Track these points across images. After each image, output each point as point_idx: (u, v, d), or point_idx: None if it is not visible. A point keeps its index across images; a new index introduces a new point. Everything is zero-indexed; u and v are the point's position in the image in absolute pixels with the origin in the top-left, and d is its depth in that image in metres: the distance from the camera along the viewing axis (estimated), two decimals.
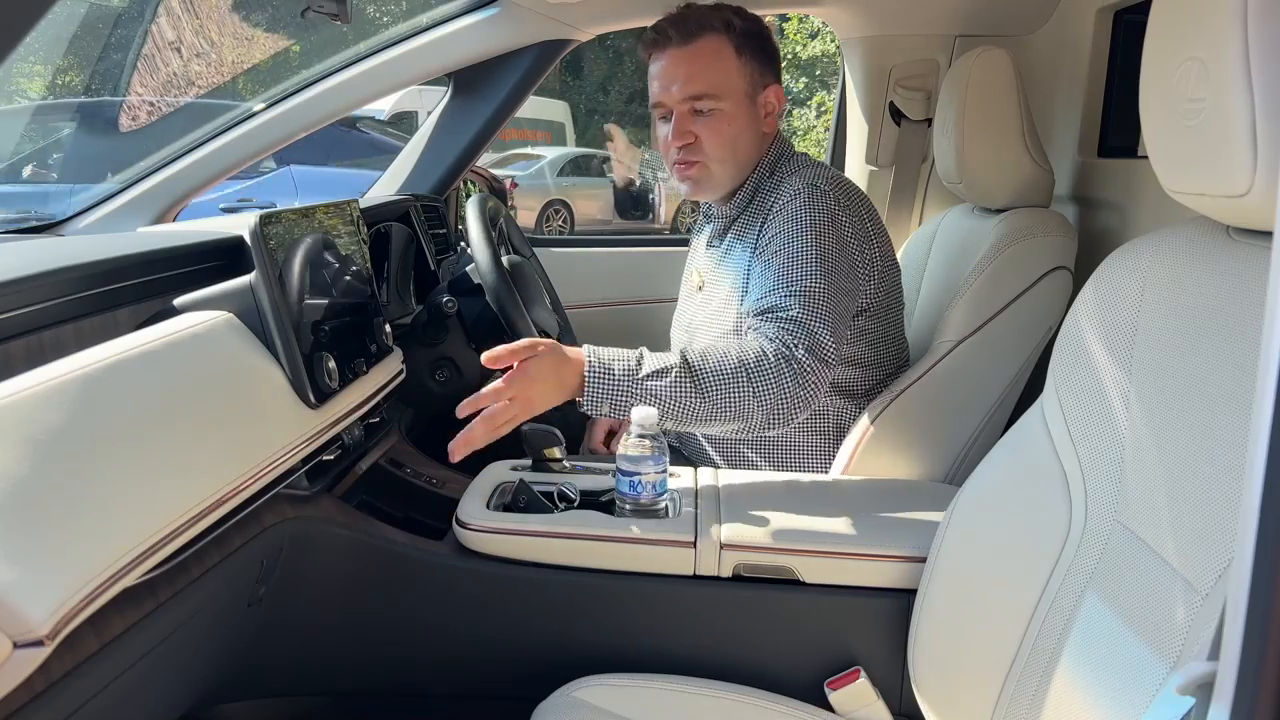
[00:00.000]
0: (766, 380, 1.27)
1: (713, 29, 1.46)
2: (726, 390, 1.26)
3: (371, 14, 2.97)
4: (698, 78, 1.46)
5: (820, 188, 1.42)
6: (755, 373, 1.27)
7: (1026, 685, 0.92)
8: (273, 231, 1.09)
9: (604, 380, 1.25)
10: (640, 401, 1.24)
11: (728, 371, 1.26)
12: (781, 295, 1.34)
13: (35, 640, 0.63)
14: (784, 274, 1.36)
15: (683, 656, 1.20)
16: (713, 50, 1.46)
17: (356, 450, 1.39)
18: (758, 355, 1.28)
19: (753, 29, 1.50)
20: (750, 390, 1.26)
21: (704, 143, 1.48)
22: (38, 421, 0.72)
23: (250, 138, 1.91)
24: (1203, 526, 0.74)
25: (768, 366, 1.27)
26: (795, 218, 1.40)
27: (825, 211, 1.40)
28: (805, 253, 1.36)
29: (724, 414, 1.26)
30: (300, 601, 1.20)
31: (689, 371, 1.26)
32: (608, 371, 1.25)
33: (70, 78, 2.12)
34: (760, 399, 1.26)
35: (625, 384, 1.25)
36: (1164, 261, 0.89)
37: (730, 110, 1.47)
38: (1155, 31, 0.82)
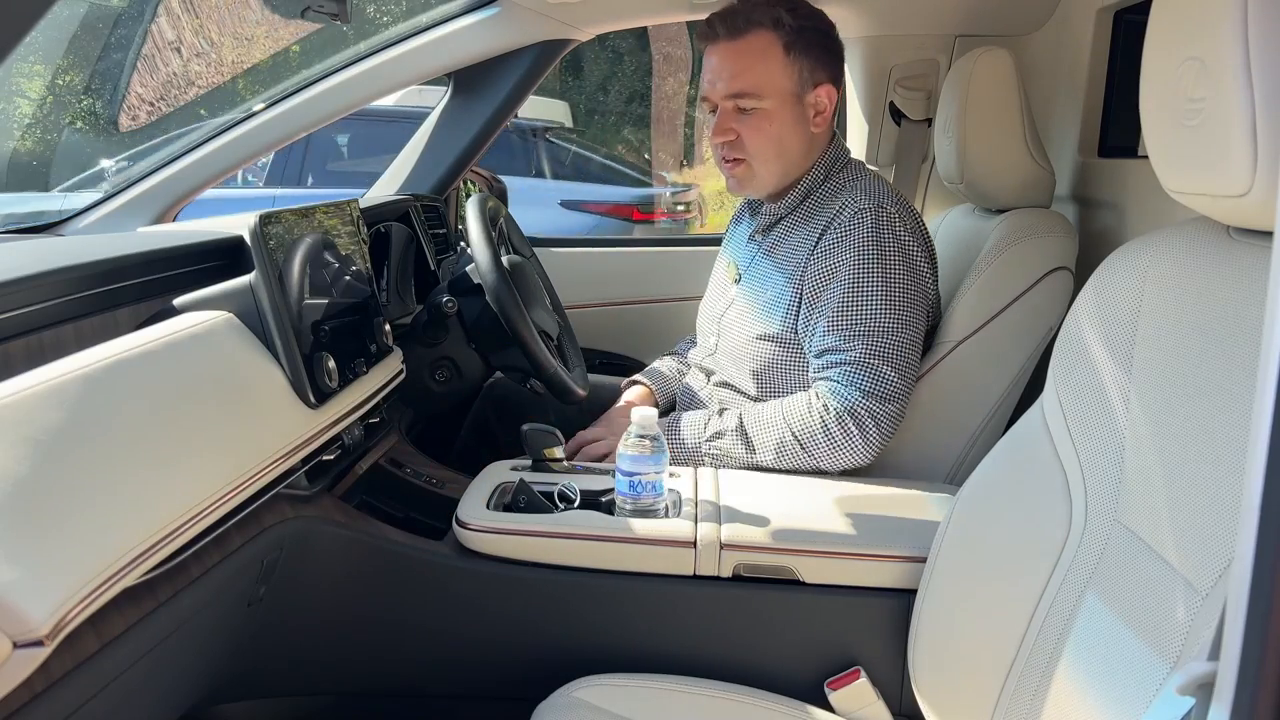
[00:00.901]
0: (817, 442, 1.37)
1: (761, 25, 1.43)
2: (780, 453, 1.39)
3: (371, 14, 2.98)
4: (741, 76, 1.44)
5: (887, 210, 1.41)
6: (804, 435, 1.37)
7: (1026, 685, 0.92)
8: (273, 231, 1.09)
9: (676, 449, 1.42)
10: (697, 455, 1.44)
11: (780, 438, 1.38)
12: (843, 334, 1.38)
13: (35, 640, 0.63)
14: (845, 309, 1.38)
15: (683, 656, 1.20)
16: (759, 48, 1.44)
17: (356, 450, 1.39)
18: (806, 419, 1.37)
19: (808, 25, 1.46)
20: (804, 452, 1.38)
21: (745, 141, 1.47)
22: (38, 421, 0.72)
23: (250, 138, 1.91)
24: (1203, 526, 0.74)
25: (818, 428, 1.36)
26: (862, 245, 1.38)
27: (894, 238, 1.40)
28: (870, 286, 1.37)
29: (768, 461, 1.41)
30: (300, 601, 1.20)
31: (740, 429, 1.41)
32: (680, 441, 1.44)
33: (70, 78, 2.12)
34: (814, 457, 1.38)
35: (688, 445, 1.44)
36: (1164, 261, 0.89)
37: (773, 110, 1.45)
38: (1155, 31, 0.82)
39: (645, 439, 1.21)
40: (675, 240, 2.62)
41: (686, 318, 1.85)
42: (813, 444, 1.36)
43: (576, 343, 1.88)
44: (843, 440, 1.35)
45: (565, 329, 1.84)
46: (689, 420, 1.46)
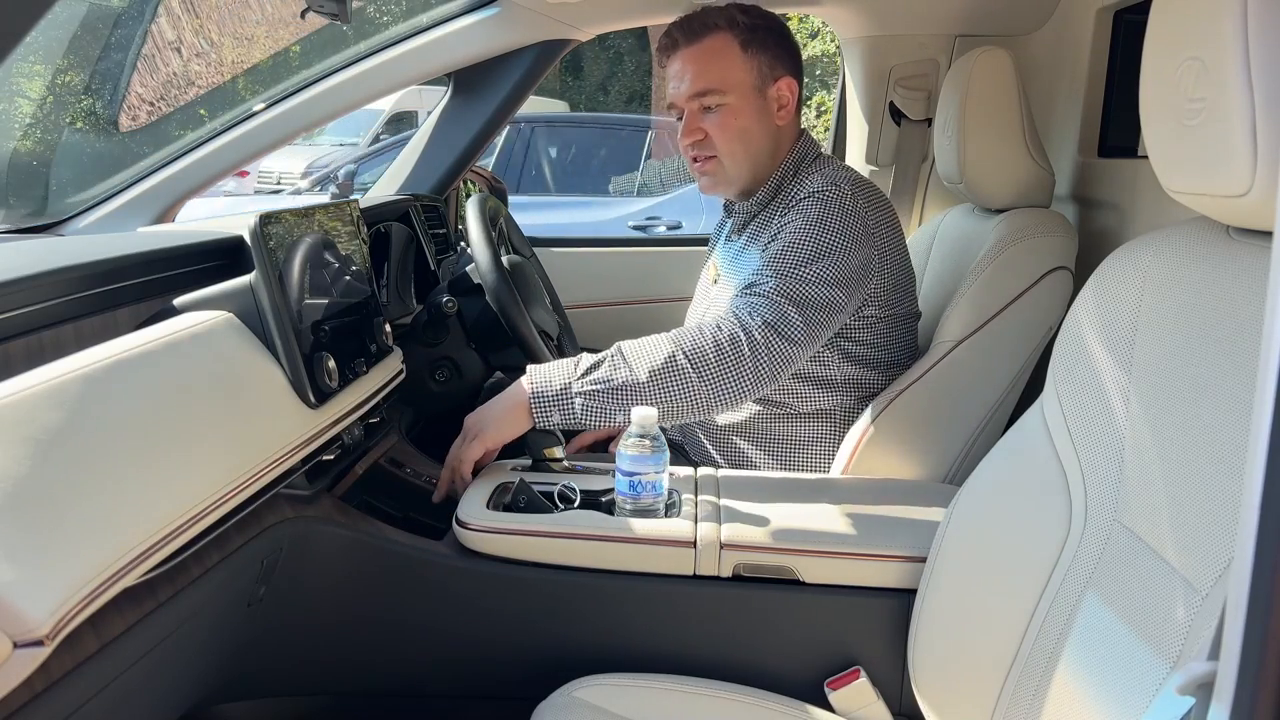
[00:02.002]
0: (707, 359, 1.30)
1: (717, 27, 1.49)
2: (666, 373, 1.30)
3: (371, 14, 2.98)
4: (702, 75, 1.48)
5: (838, 184, 1.44)
6: (694, 352, 1.31)
7: (1026, 685, 0.92)
8: (273, 231, 1.09)
9: (545, 392, 1.32)
10: (584, 399, 1.30)
11: (667, 354, 1.31)
12: (763, 274, 1.38)
13: (35, 640, 0.63)
14: (774, 257, 1.39)
15: (683, 656, 1.20)
16: (718, 47, 1.48)
17: (356, 450, 1.39)
18: (696, 339, 1.32)
19: (761, 24, 1.51)
20: (692, 370, 1.30)
21: (713, 138, 1.50)
22: (38, 421, 0.72)
23: (250, 138, 1.91)
24: (1203, 526, 0.74)
25: (708, 344, 1.31)
26: (803, 210, 1.42)
27: (836, 205, 1.42)
28: (800, 239, 1.39)
29: (672, 397, 1.31)
30: (300, 601, 1.20)
31: (621, 353, 1.32)
32: (547, 383, 1.32)
33: (70, 78, 2.12)
34: (704, 379, 1.30)
35: (566, 387, 1.31)
36: (1164, 261, 0.89)
37: (736, 104, 1.48)
38: (1155, 31, 0.82)
39: (645, 439, 1.21)
40: (675, 240, 2.62)
41: (686, 318, 1.85)
42: (700, 361, 1.30)
43: (576, 343, 1.88)
44: (733, 357, 1.31)
45: (565, 329, 1.84)
46: (553, 366, 1.35)
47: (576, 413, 1.31)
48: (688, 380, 1.30)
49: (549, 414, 1.32)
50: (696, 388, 1.31)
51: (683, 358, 1.31)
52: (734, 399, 1.32)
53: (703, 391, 1.31)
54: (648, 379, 1.30)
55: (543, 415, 1.32)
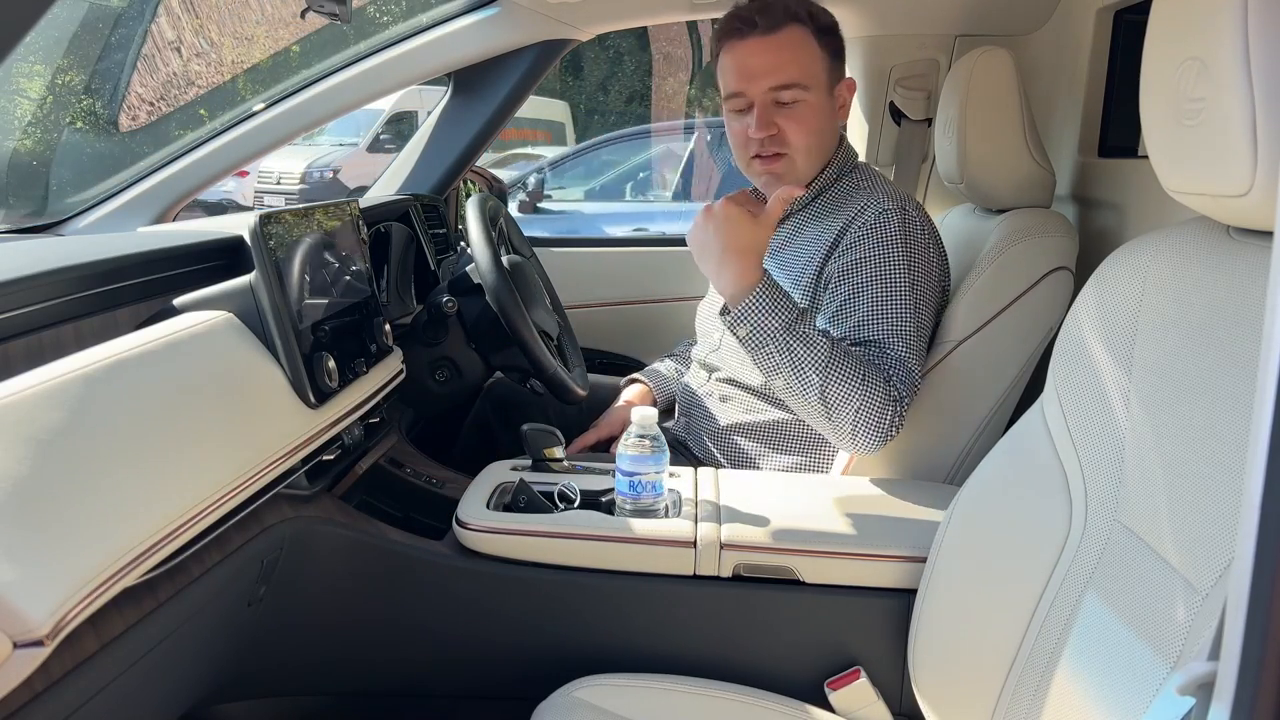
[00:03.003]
0: (872, 401, 1.27)
1: (798, 19, 1.44)
2: (843, 377, 1.26)
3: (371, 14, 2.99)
4: (785, 68, 1.43)
5: (909, 213, 1.42)
6: (867, 379, 1.28)
7: (1026, 685, 0.92)
8: (273, 231, 1.09)
9: (765, 311, 1.25)
10: (783, 344, 1.25)
11: (855, 362, 1.28)
12: (883, 329, 1.35)
13: (35, 640, 0.63)
14: (881, 305, 1.36)
15: (683, 656, 1.20)
16: (798, 40, 1.44)
17: (356, 450, 1.39)
18: (871, 371, 1.29)
19: (831, 24, 1.49)
20: (859, 393, 1.26)
21: (788, 134, 1.45)
22: (38, 421, 0.72)
23: (250, 138, 1.91)
24: (1203, 526, 0.74)
25: (877, 391, 1.28)
26: (890, 244, 1.38)
27: (918, 239, 1.40)
28: (900, 285, 1.36)
29: (828, 400, 1.26)
30: (300, 601, 1.20)
31: (831, 341, 1.28)
32: (774, 304, 1.25)
33: (70, 78, 2.12)
34: (859, 414, 1.27)
35: (781, 324, 1.25)
36: (1164, 261, 0.89)
37: (815, 102, 1.45)
38: (1155, 31, 0.82)
39: (645, 439, 1.21)
40: (675, 240, 2.61)
41: (686, 318, 1.85)
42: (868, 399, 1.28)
43: (576, 343, 1.88)
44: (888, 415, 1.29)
45: (565, 329, 1.84)
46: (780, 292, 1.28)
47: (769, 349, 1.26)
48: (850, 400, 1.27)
49: (740, 325, 1.26)
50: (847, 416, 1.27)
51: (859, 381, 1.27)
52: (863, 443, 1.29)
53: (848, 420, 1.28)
54: (832, 371, 1.26)
55: (739, 319, 1.26)
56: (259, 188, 9.18)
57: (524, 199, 5.27)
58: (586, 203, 6.82)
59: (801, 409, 1.32)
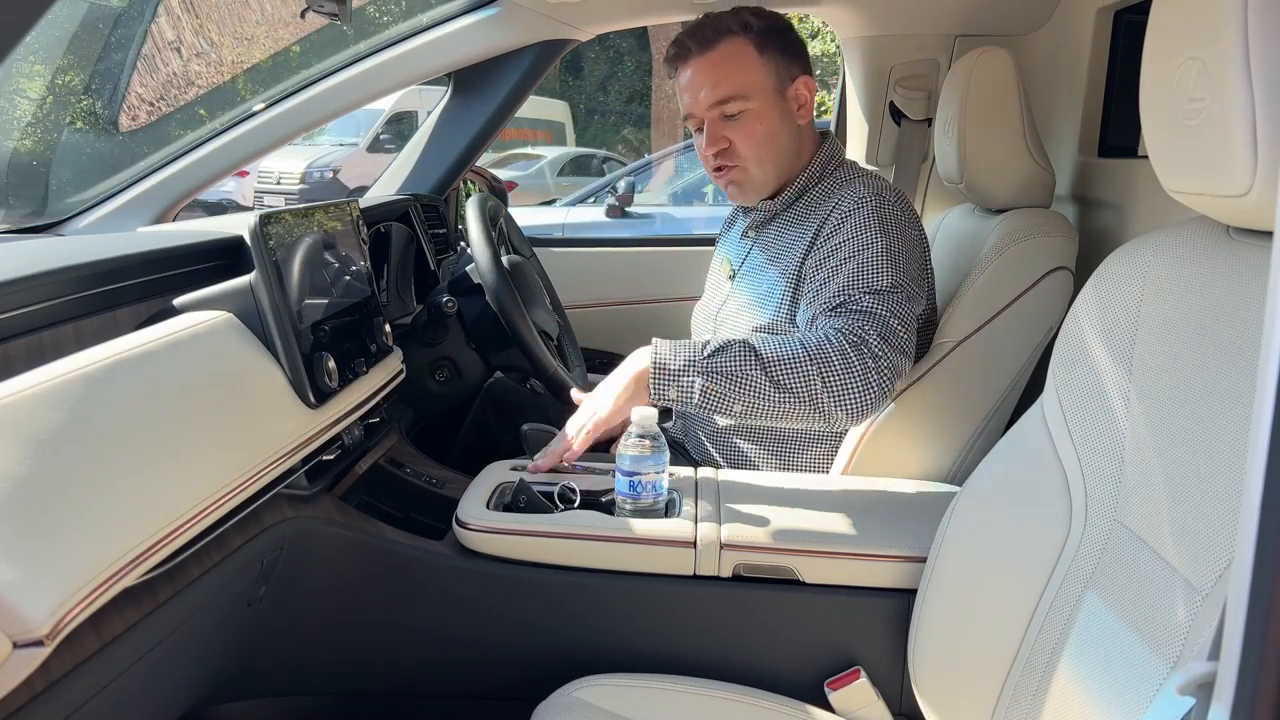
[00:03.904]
0: (831, 363, 1.24)
1: (730, 32, 1.46)
2: (790, 370, 1.24)
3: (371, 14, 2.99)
4: (722, 82, 1.46)
5: (887, 199, 1.42)
6: (818, 355, 1.24)
7: (1026, 685, 0.92)
8: (273, 231, 1.09)
9: (668, 366, 1.26)
10: (704, 380, 1.24)
11: (791, 352, 1.25)
12: (854, 293, 1.33)
13: (35, 640, 0.63)
14: (857, 276, 1.34)
15: (683, 656, 1.20)
16: (733, 52, 1.46)
17: (356, 450, 1.39)
18: (820, 340, 1.26)
19: (772, 25, 1.49)
20: (815, 371, 1.23)
21: (738, 146, 1.48)
22: (38, 421, 0.72)
23: (250, 138, 1.91)
24: (1203, 526, 0.74)
25: (833, 349, 1.25)
26: (865, 224, 1.38)
27: (894, 220, 1.40)
28: (878, 257, 1.35)
29: (793, 396, 1.24)
30: (300, 601, 1.20)
31: (751, 349, 1.25)
32: (671, 358, 1.26)
33: (70, 78, 2.12)
34: (828, 383, 1.23)
35: (689, 366, 1.25)
36: (1164, 261, 0.89)
37: (759, 108, 1.46)
38: (1155, 31, 0.82)
39: (645, 439, 1.21)
40: (675, 240, 2.62)
41: (686, 318, 1.85)
42: (826, 365, 1.24)
43: (576, 343, 1.88)
44: (858, 366, 1.24)
45: (565, 329, 1.84)
46: (678, 344, 1.29)
47: (695, 394, 1.25)
48: (811, 383, 1.24)
49: (666, 390, 1.26)
50: (819, 392, 1.24)
51: (808, 361, 1.24)
52: (856, 408, 1.25)
53: (824, 396, 1.24)
54: (772, 374, 1.24)
55: (659, 390, 1.26)
56: (259, 188, 9.18)
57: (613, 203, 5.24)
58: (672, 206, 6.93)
59: (779, 416, 1.27)
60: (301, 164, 9.56)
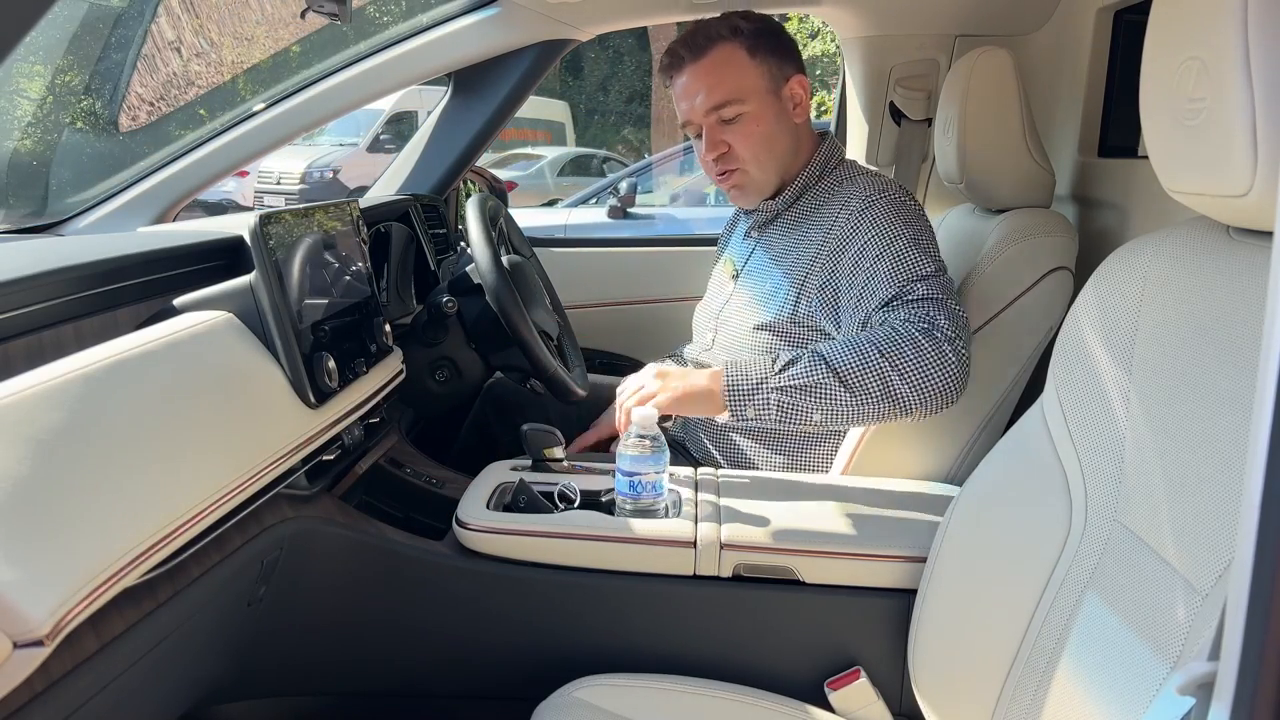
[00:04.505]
0: (904, 355, 1.24)
1: (721, 37, 1.48)
2: (863, 370, 1.24)
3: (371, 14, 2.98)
4: (716, 88, 1.47)
5: (893, 192, 1.44)
6: (889, 349, 1.25)
7: (1026, 685, 0.92)
8: (273, 231, 1.09)
9: (741, 385, 1.29)
10: (779, 395, 1.27)
11: (861, 353, 1.26)
12: (902, 284, 1.32)
13: (35, 640, 0.63)
14: (898, 268, 1.34)
15: (683, 656, 1.20)
16: (725, 57, 1.47)
17: (356, 450, 1.39)
18: (888, 334, 1.26)
19: (763, 27, 1.51)
20: (889, 366, 1.24)
21: (737, 149, 1.49)
22: (38, 421, 0.72)
23: (250, 138, 1.91)
24: (1203, 526, 0.74)
25: (904, 340, 1.25)
26: (885, 218, 1.39)
27: (909, 210, 1.42)
28: (910, 246, 1.36)
29: (870, 397, 1.24)
30: (300, 601, 1.20)
31: (820, 358, 1.27)
32: (744, 377, 1.29)
33: (70, 78, 2.12)
34: (905, 375, 1.23)
35: (763, 383, 1.28)
36: (1164, 261, 0.89)
37: (755, 111, 1.48)
38: (1155, 31, 0.82)
39: (645, 439, 1.21)
40: (675, 240, 2.63)
41: (686, 318, 1.85)
42: (900, 359, 1.23)
43: (576, 343, 1.88)
44: (932, 352, 1.23)
45: (565, 329, 1.84)
46: (744, 362, 1.32)
47: (771, 408, 1.28)
48: (888, 380, 1.24)
49: (743, 407, 1.28)
50: (897, 386, 1.24)
51: (880, 357, 1.24)
52: (937, 394, 1.24)
53: (903, 389, 1.24)
54: (845, 378, 1.25)
55: (737, 408, 1.29)
56: (259, 188, 9.18)
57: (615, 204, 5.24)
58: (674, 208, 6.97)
59: (860, 418, 1.27)
60: (301, 164, 9.56)
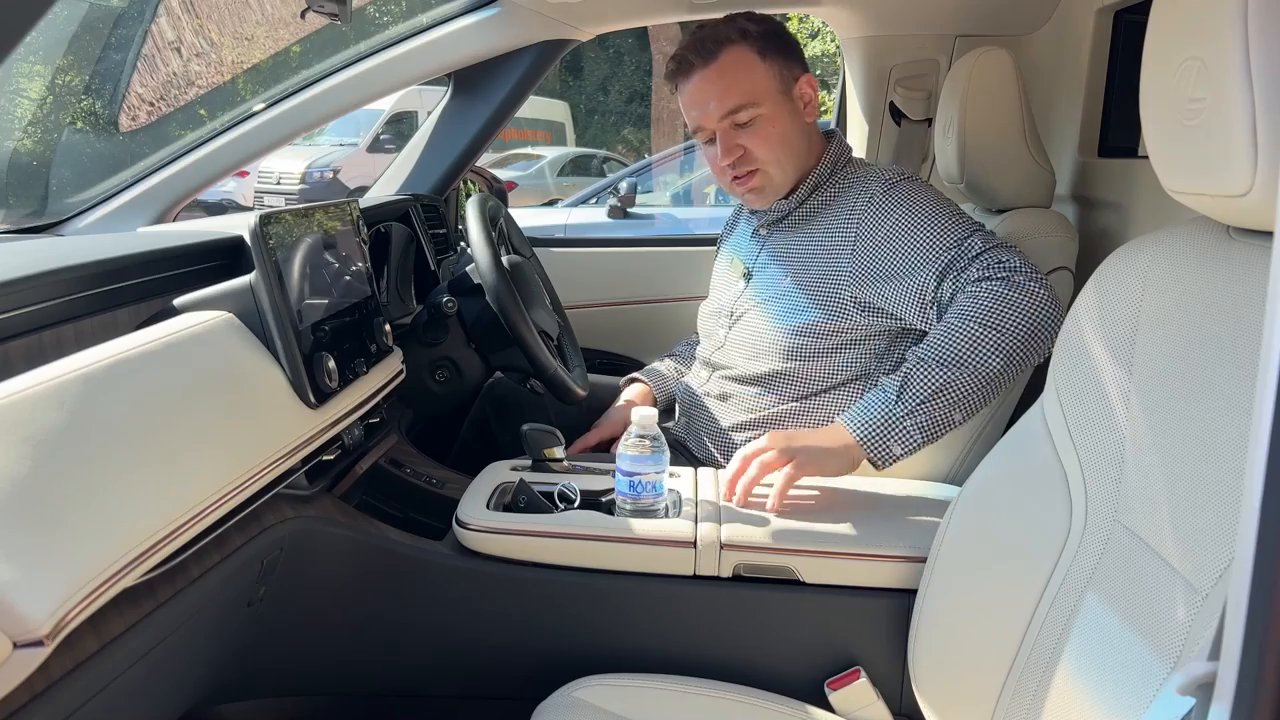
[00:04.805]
0: (999, 314, 1.23)
1: (731, 41, 1.47)
2: (973, 350, 1.23)
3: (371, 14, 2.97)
4: (730, 92, 1.46)
5: (912, 178, 1.45)
6: (982, 316, 1.24)
7: (1026, 685, 0.92)
8: (273, 231, 1.09)
9: (874, 431, 1.26)
10: (914, 418, 1.24)
11: (960, 336, 1.25)
12: (952, 249, 1.32)
13: (35, 640, 0.63)
14: (937, 237, 1.34)
15: (683, 656, 1.20)
16: (736, 60, 1.47)
17: (356, 450, 1.39)
18: (969, 305, 1.25)
19: (769, 29, 1.51)
20: (993, 331, 1.23)
21: (754, 152, 1.49)
22: (38, 421, 0.72)
23: (250, 137, 1.91)
24: (1203, 526, 0.74)
25: (990, 300, 1.24)
26: (912, 194, 1.41)
27: (930, 188, 1.43)
28: (941, 215, 1.37)
29: (991, 371, 1.23)
30: (300, 602, 1.20)
31: (924, 361, 1.26)
32: (869, 421, 1.26)
33: (70, 78, 2.12)
34: (1007, 331, 1.23)
35: (892, 415, 1.25)
36: (1164, 261, 0.89)
37: (770, 112, 1.47)
38: (1155, 31, 0.82)
39: (645, 439, 1.21)
40: (675, 240, 2.63)
41: (686, 318, 1.85)
42: (996, 319, 1.23)
43: (576, 343, 1.88)
44: (1024, 299, 1.22)
45: (565, 329, 1.84)
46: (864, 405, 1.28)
47: (914, 435, 1.25)
48: (1003, 344, 1.22)
49: (887, 451, 1.26)
50: (1011, 346, 1.22)
51: (978, 326, 1.23)
52: (1046, 331, 1.23)
53: (1016, 345, 1.23)
54: (960, 361, 1.23)
55: (883, 456, 1.26)
56: (259, 188, 9.18)
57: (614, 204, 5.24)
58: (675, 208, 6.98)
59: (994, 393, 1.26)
60: (301, 164, 9.56)
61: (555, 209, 6.73)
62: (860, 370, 1.46)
